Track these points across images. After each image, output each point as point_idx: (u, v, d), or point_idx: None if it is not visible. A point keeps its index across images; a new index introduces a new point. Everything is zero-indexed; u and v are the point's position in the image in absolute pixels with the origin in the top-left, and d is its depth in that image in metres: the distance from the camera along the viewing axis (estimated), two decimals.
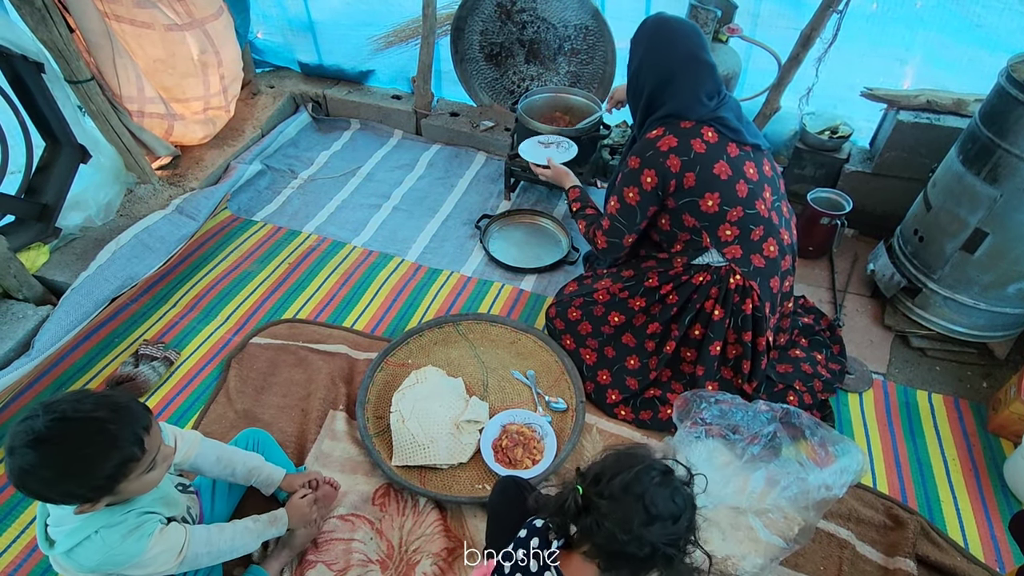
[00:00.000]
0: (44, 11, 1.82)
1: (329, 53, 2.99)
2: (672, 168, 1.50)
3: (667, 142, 1.51)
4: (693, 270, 1.61)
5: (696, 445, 1.48)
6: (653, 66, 1.55)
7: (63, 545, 1.04)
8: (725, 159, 1.51)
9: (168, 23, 2.18)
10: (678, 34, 1.54)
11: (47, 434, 0.94)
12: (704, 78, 1.52)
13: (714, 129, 1.51)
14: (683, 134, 1.51)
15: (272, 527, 1.30)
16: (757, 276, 1.57)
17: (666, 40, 1.54)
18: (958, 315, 1.88)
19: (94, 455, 0.97)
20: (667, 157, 1.50)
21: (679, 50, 1.52)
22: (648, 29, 1.58)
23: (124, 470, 1.00)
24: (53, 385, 1.78)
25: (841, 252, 2.28)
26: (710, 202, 1.52)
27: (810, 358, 1.79)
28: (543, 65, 2.68)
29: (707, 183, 1.51)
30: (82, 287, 1.86)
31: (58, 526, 1.05)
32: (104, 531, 1.03)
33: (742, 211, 1.53)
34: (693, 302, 1.63)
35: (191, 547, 1.13)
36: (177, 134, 2.45)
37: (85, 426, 0.97)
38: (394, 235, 2.38)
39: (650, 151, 1.52)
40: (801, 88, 2.25)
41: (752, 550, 1.36)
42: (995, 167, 1.64)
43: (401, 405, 1.65)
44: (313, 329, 1.96)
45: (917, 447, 1.72)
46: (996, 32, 1.99)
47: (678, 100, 1.52)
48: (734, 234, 1.55)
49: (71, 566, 1.06)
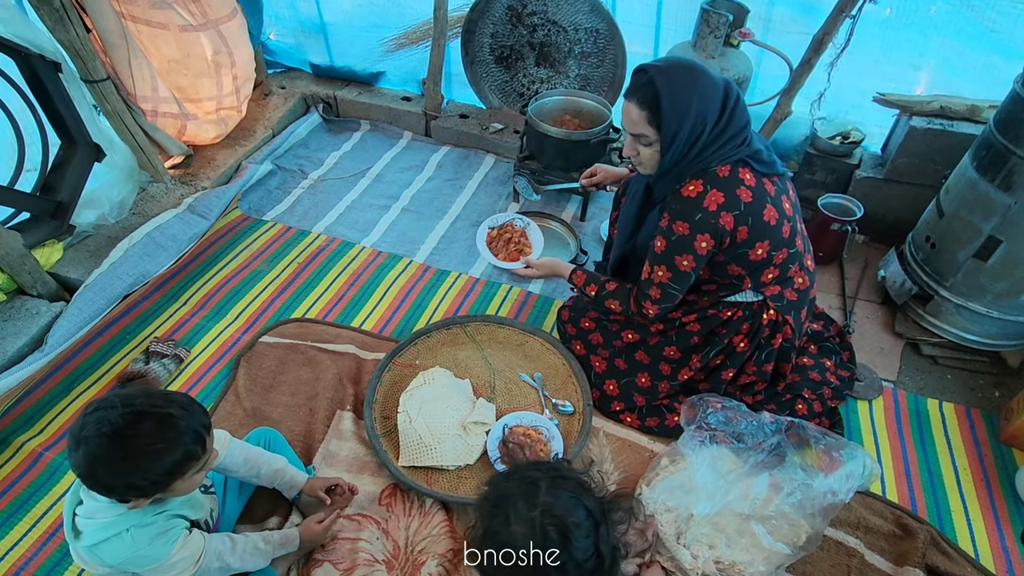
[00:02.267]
0: (62, 11, 1.85)
1: (340, 55, 3.01)
2: (727, 227, 1.36)
3: (714, 199, 1.34)
4: (722, 305, 1.55)
5: (701, 450, 1.48)
6: (686, 114, 1.31)
7: (90, 539, 1.04)
8: (769, 201, 1.38)
9: (183, 24, 2.21)
10: (701, 75, 1.32)
11: (123, 425, 0.97)
12: (739, 114, 1.34)
13: (749, 169, 1.37)
14: (726, 185, 1.35)
15: (282, 548, 1.30)
16: (791, 310, 1.52)
17: (690, 82, 1.31)
18: (970, 323, 1.86)
19: (163, 450, 1.00)
20: (719, 217, 1.34)
21: (707, 92, 1.31)
22: (672, 74, 1.32)
23: (184, 467, 1.03)
24: (65, 381, 1.80)
25: (852, 258, 2.27)
26: (760, 251, 1.41)
27: (819, 365, 1.77)
28: (553, 68, 2.68)
29: (759, 233, 1.39)
30: (95, 284, 1.88)
31: (89, 518, 1.05)
32: (135, 530, 1.05)
33: (786, 252, 1.45)
34: (720, 336, 1.57)
35: (206, 558, 1.14)
36: (190, 134, 2.47)
37: (159, 421, 1.00)
38: (403, 236, 2.39)
39: (698, 213, 1.35)
40: (813, 93, 2.24)
41: (757, 557, 1.35)
42: (1009, 174, 1.63)
43: (409, 406, 1.65)
44: (322, 329, 1.97)
45: (927, 456, 1.70)
46: (1011, 38, 1.97)
47: (717, 146, 1.34)
48: (775, 275, 1.48)
49: (93, 560, 1.06)
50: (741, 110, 1.35)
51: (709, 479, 1.44)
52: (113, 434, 0.96)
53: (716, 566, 1.35)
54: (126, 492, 1.02)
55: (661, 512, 1.44)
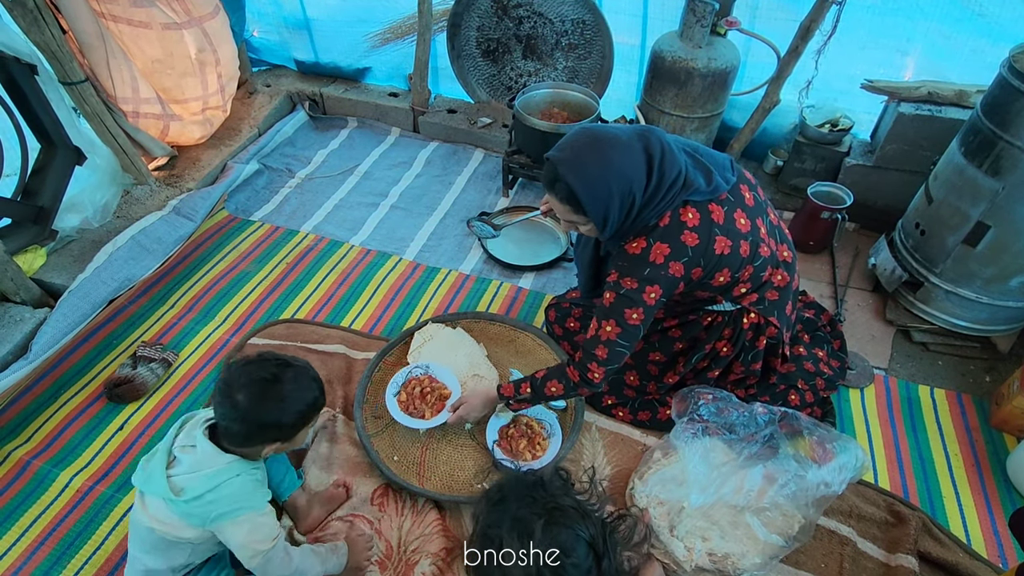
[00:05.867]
0: (36, 12, 1.81)
1: (325, 51, 2.97)
2: (676, 274, 1.30)
3: (659, 252, 1.28)
4: (702, 312, 1.54)
5: (693, 443, 1.48)
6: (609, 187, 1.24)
7: (198, 489, 1.14)
8: (719, 232, 1.31)
9: (166, 21, 2.17)
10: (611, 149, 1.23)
11: (277, 373, 1.16)
12: (669, 168, 1.25)
13: (691, 205, 1.29)
14: (668, 235, 1.28)
15: (333, 556, 1.31)
16: (774, 310, 1.50)
17: (603, 165, 1.23)
18: (960, 309, 1.86)
19: (305, 393, 1.19)
20: (667, 268, 1.29)
21: (625, 166, 1.23)
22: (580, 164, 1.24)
23: (314, 412, 1.22)
24: (52, 388, 1.78)
25: (842, 246, 2.26)
26: (721, 279, 1.37)
27: (811, 355, 1.77)
28: (540, 61, 2.66)
29: (714, 266, 1.34)
30: (79, 289, 1.86)
31: (192, 472, 1.15)
32: (244, 476, 1.17)
33: (751, 268, 1.40)
34: (702, 342, 1.56)
35: (279, 541, 1.19)
36: (173, 134, 2.44)
37: (297, 371, 1.19)
38: (392, 234, 2.37)
39: (646, 268, 1.29)
40: (801, 81, 2.23)
41: (751, 549, 1.35)
42: (997, 159, 1.62)
43: (421, 362, 1.74)
44: (311, 329, 1.95)
45: (919, 442, 1.71)
46: (998, 22, 1.96)
47: (653, 205, 1.27)
48: (747, 288, 1.44)
49: (195, 512, 1.14)
50: (670, 163, 1.25)
51: (701, 471, 1.44)
52: (272, 379, 1.14)
53: (710, 558, 1.35)
54: (273, 432, 1.16)
55: (654, 505, 1.43)
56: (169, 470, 1.17)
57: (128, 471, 1.59)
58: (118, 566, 1.41)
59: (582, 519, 0.94)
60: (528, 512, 0.94)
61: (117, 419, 1.71)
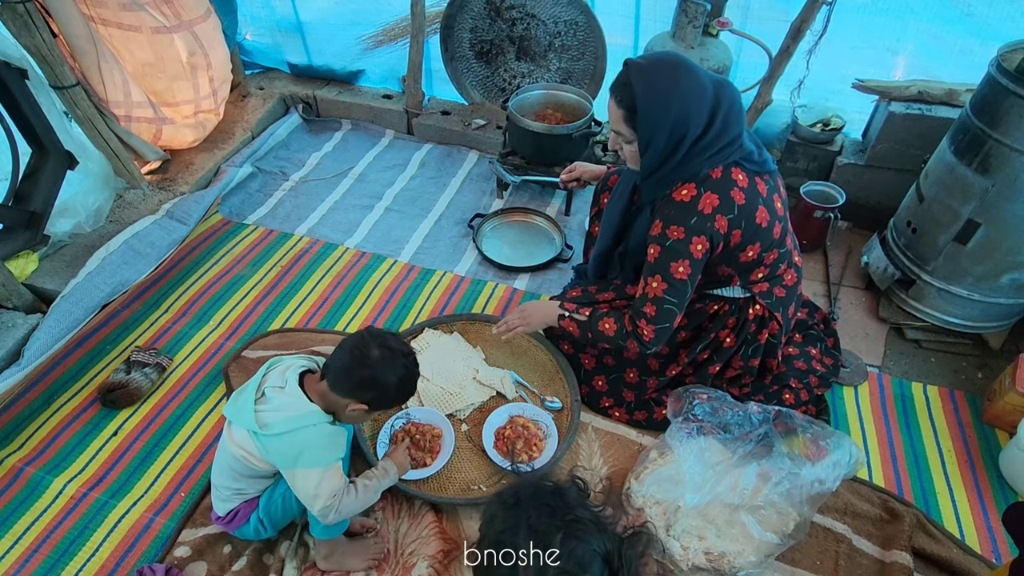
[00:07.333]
0: (26, 17, 1.80)
1: (318, 53, 2.97)
2: (721, 230, 1.31)
3: (709, 202, 1.29)
4: (708, 299, 1.54)
5: (688, 442, 1.48)
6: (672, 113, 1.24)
7: (280, 427, 1.19)
8: (762, 202, 1.34)
9: (156, 25, 2.16)
10: (687, 77, 1.24)
11: (408, 355, 1.27)
12: (734, 123, 1.28)
13: (741, 169, 1.32)
14: (720, 187, 1.30)
15: (387, 477, 1.38)
16: (779, 307, 1.52)
17: (672, 85, 1.24)
18: (952, 306, 1.88)
19: (412, 385, 1.30)
20: (714, 220, 1.29)
21: (691, 97, 1.24)
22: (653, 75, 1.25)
23: (399, 400, 1.31)
24: (45, 394, 1.77)
25: (835, 245, 2.28)
26: (751, 252, 1.38)
27: (805, 354, 1.78)
28: (534, 62, 2.67)
29: (751, 236, 1.35)
30: (72, 294, 1.85)
31: (280, 412, 1.21)
32: (320, 427, 1.22)
33: (776, 252, 1.43)
34: (707, 331, 1.56)
35: (342, 499, 1.24)
36: (166, 138, 2.43)
37: (415, 365, 1.30)
38: (387, 236, 2.37)
39: (693, 217, 1.30)
40: (792, 81, 2.24)
41: (747, 547, 1.36)
42: (986, 157, 1.64)
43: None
44: (305, 336, 1.94)
45: (913, 439, 1.72)
46: (987, 21, 1.98)
47: (709, 155, 1.29)
48: (764, 274, 1.47)
49: (272, 447, 1.20)
50: (734, 120, 1.27)
51: (697, 471, 1.44)
52: (403, 355, 1.26)
53: (706, 557, 1.36)
54: (372, 392, 1.23)
55: (650, 505, 1.44)
56: (258, 405, 1.22)
57: (122, 477, 1.58)
58: (113, 573, 1.41)
59: (599, 533, 0.92)
60: (547, 523, 0.91)
61: (111, 425, 1.70)
